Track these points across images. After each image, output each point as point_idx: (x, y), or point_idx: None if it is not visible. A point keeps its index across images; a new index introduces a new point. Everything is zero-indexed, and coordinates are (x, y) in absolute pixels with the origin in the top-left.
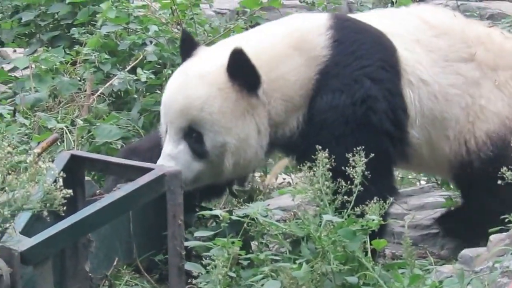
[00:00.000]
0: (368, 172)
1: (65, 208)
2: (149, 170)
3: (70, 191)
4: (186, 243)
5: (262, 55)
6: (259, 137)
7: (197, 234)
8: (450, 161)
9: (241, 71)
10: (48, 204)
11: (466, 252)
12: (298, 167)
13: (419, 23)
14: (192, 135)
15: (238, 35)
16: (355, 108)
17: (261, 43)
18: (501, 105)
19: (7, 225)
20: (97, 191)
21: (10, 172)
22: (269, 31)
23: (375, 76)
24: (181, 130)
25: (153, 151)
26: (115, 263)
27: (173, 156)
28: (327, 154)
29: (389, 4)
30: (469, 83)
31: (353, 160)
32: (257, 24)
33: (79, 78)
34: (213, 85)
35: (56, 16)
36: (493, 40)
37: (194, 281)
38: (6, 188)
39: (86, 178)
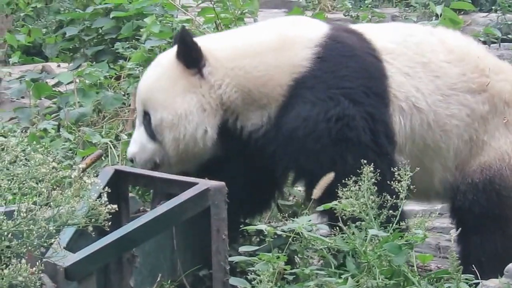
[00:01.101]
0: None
1: (109, 223)
2: (193, 184)
3: (115, 206)
4: (230, 258)
5: (231, 46)
6: (203, 115)
7: (241, 249)
8: (444, 189)
9: (183, 49)
10: (93, 220)
11: None
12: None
13: (437, 45)
14: (146, 117)
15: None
16: (329, 125)
17: (244, 36)
18: (503, 142)
19: (52, 240)
20: (141, 208)
21: (55, 187)
22: (262, 28)
23: (355, 98)
24: (140, 114)
25: None
26: (158, 279)
27: (134, 140)
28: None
29: (433, 18)
30: (475, 116)
31: (398, 174)
32: None
33: (123, 93)
34: (162, 66)
35: (100, 31)
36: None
37: None
38: (51, 203)
39: (130, 194)
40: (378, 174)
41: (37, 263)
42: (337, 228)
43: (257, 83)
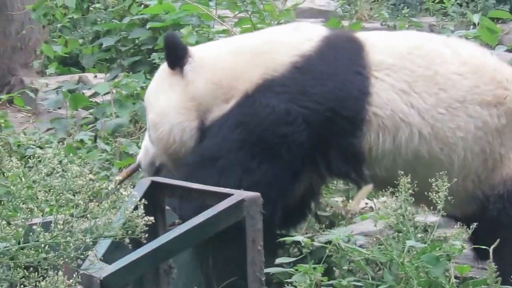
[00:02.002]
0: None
1: (146, 235)
2: (228, 195)
3: (151, 218)
4: (266, 269)
5: (219, 46)
6: (179, 113)
7: (278, 260)
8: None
9: (168, 50)
10: (129, 231)
11: None
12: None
13: (449, 56)
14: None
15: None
16: (274, 129)
17: (237, 39)
18: None
19: (89, 252)
20: (176, 221)
21: (91, 199)
22: (259, 33)
23: (313, 122)
24: (147, 120)
25: None
26: None
27: (143, 146)
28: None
29: (471, 27)
30: (487, 129)
31: (436, 185)
32: None
33: None
34: (158, 70)
35: (137, 41)
36: None
37: None
38: (88, 215)
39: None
40: None
41: (74, 275)
42: (375, 239)
43: (229, 74)
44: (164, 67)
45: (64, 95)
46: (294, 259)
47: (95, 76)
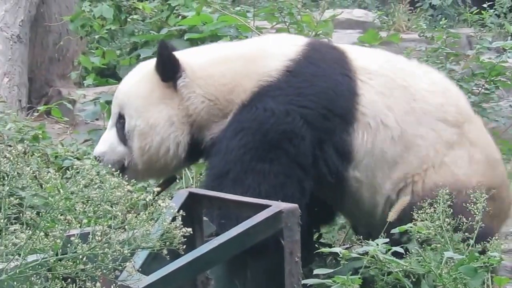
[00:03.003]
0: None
1: (184, 246)
2: (266, 207)
3: (189, 229)
4: (304, 281)
5: (208, 56)
6: (170, 129)
7: (316, 271)
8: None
9: (160, 60)
10: (167, 243)
11: None
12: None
13: (421, 76)
14: (120, 120)
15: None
16: (276, 129)
17: (223, 47)
18: (463, 171)
19: (127, 263)
20: (214, 232)
21: (129, 210)
22: (245, 42)
23: (311, 120)
24: (114, 116)
25: None
26: None
27: (104, 139)
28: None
29: (509, 37)
30: (442, 142)
31: (474, 197)
32: None
33: None
34: (141, 74)
35: None
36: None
37: None
38: (126, 226)
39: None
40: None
41: (112, 286)
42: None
43: (224, 90)
44: (149, 73)
45: (102, 106)
46: (331, 270)
47: None
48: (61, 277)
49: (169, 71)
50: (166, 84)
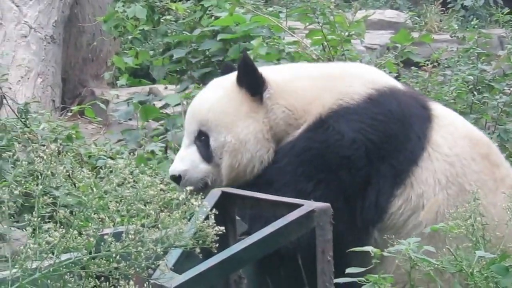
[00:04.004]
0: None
1: (217, 245)
2: (298, 206)
3: (222, 228)
4: (336, 280)
5: (292, 72)
6: (257, 145)
7: (348, 270)
8: None
9: (246, 75)
10: (200, 241)
11: None
12: None
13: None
14: (201, 138)
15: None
16: (338, 152)
17: (307, 66)
18: None
19: (160, 262)
20: (246, 231)
21: (162, 209)
22: (329, 64)
23: (372, 157)
24: (192, 134)
25: None
26: None
27: (182, 158)
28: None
29: None
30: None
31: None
32: (408, 59)
33: None
34: (223, 89)
35: (207, 53)
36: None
37: None
38: (159, 225)
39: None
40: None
41: (145, 285)
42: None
43: (304, 101)
44: (232, 88)
45: (135, 107)
46: (363, 269)
47: (166, 88)
48: (95, 276)
49: (256, 84)
50: (252, 98)
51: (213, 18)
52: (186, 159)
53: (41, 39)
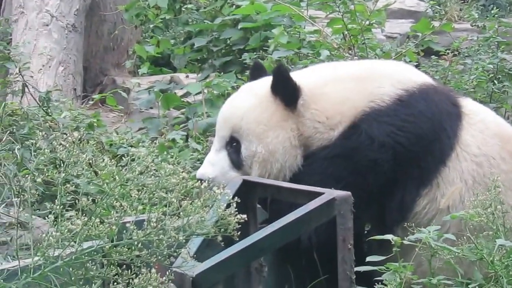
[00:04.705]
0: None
1: (238, 233)
2: (319, 194)
3: (244, 216)
4: (357, 268)
5: (319, 76)
6: (287, 155)
7: (368, 259)
8: None
9: (281, 85)
10: (222, 229)
11: None
12: None
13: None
14: (232, 144)
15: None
16: (367, 154)
17: (335, 67)
18: None
19: (182, 250)
20: (267, 219)
21: (184, 197)
22: (357, 62)
23: (400, 159)
24: (223, 139)
25: None
26: None
27: (212, 163)
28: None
29: None
30: None
31: None
32: (429, 48)
33: None
34: (257, 97)
35: (228, 42)
36: None
37: None
38: (181, 213)
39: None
40: None
41: (167, 273)
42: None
43: (334, 102)
44: (266, 96)
45: (156, 95)
46: (384, 257)
47: (187, 76)
48: (116, 263)
49: (292, 94)
50: (285, 107)
51: (234, 7)
52: (216, 165)
53: (62, 28)
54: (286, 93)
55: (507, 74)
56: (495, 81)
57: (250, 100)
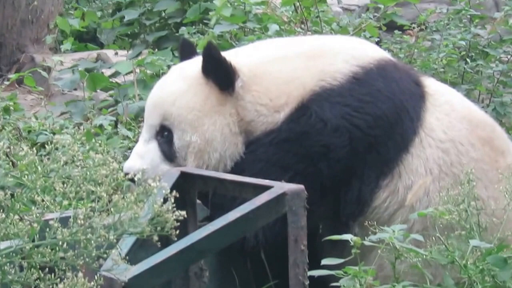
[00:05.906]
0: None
1: (177, 232)
2: (267, 188)
3: (183, 213)
4: (310, 272)
5: (263, 53)
6: (226, 142)
7: (324, 261)
8: None
9: (211, 67)
10: (158, 228)
11: None
12: None
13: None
14: (163, 134)
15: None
16: (319, 139)
17: (280, 44)
18: None
19: (113, 251)
20: (208, 216)
21: (115, 191)
22: (305, 38)
23: (356, 146)
24: (153, 128)
25: None
26: None
27: (141, 155)
28: None
29: None
30: None
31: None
32: (392, 22)
33: None
34: (188, 80)
35: (163, 14)
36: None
37: None
38: (112, 209)
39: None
40: None
41: (95, 277)
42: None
43: (279, 82)
44: (197, 79)
45: (81, 75)
46: (342, 260)
47: (116, 54)
48: (38, 266)
49: (226, 77)
50: (221, 90)
51: None
52: (145, 158)
53: None
54: (219, 75)
55: (481, 52)
56: (467, 59)
57: (180, 84)
